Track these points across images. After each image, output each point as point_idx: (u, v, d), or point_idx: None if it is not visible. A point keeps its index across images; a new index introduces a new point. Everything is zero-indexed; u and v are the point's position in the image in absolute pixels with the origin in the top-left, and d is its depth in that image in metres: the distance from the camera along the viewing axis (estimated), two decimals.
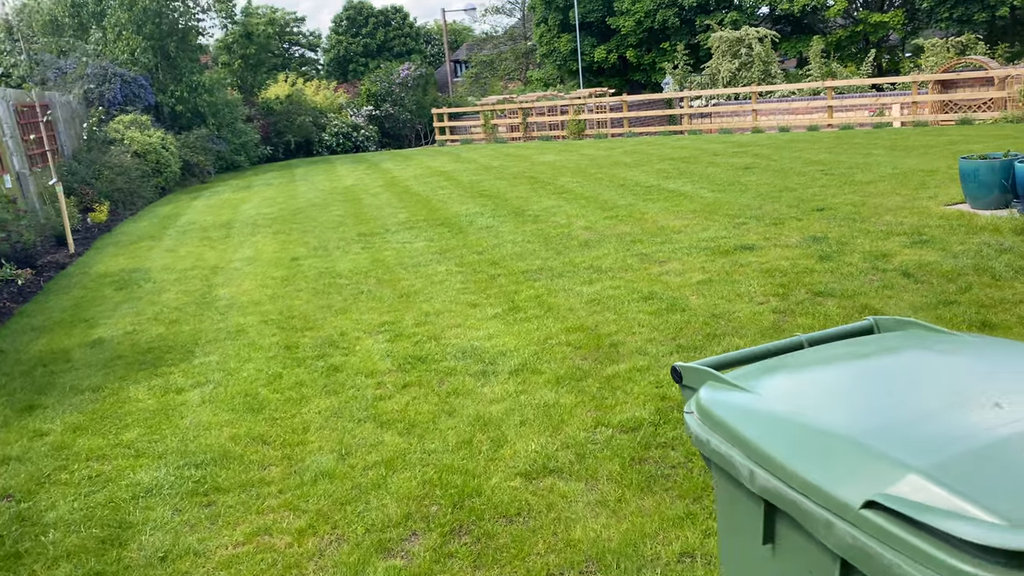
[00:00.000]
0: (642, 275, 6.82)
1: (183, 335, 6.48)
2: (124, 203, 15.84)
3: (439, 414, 4.42)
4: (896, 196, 8.82)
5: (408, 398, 4.69)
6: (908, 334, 1.99)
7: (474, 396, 4.62)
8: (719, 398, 1.77)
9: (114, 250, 10.94)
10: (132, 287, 8.47)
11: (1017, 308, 5.23)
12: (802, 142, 15.90)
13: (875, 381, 1.72)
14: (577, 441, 3.94)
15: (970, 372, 1.69)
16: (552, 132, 25.24)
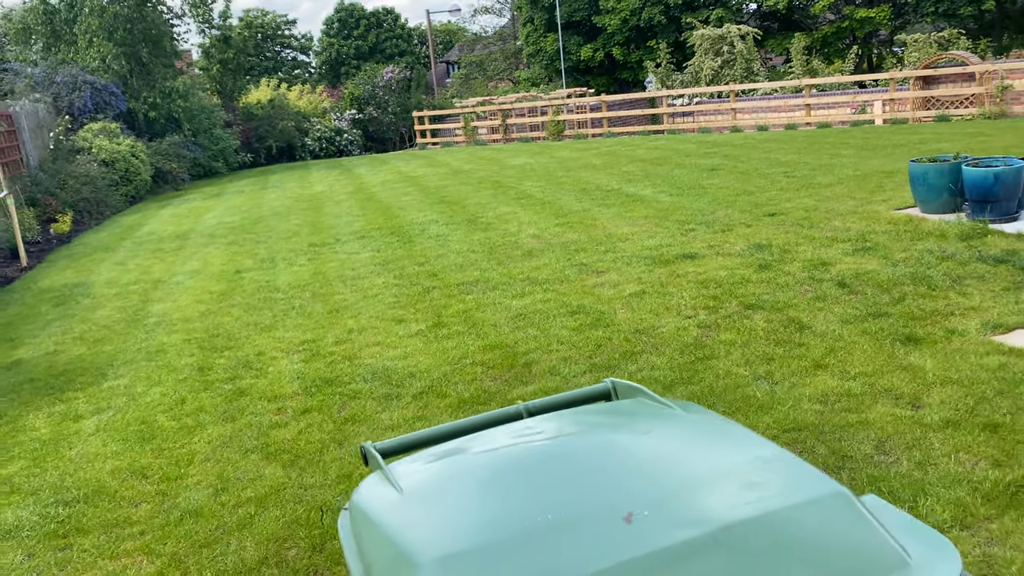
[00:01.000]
0: (577, 287, 6.64)
1: (102, 356, 6.30)
2: (91, 213, 15.66)
3: (329, 444, 4.23)
4: (850, 200, 8.62)
5: (304, 425, 4.51)
6: (620, 407, 1.81)
7: (370, 423, 4.44)
8: (370, 495, 1.57)
9: (66, 263, 10.76)
10: (70, 303, 8.29)
11: (946, 320, 5.05)
12: (776, 142, 15.70)
13: (532, 478, 1.50)
14: None
15: (641, 464, 1.48)
16: (533, 133, 25.05)
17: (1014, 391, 4.01)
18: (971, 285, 5.63)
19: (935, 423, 3.78)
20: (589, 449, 1.56)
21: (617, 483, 1.42)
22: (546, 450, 1.59)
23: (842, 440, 3.72)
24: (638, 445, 1.56)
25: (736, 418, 4.02)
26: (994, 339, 4.71)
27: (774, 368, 4.61)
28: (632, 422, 1.67)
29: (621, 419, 1.72)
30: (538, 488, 1.44)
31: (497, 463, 1.58)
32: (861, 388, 4.22)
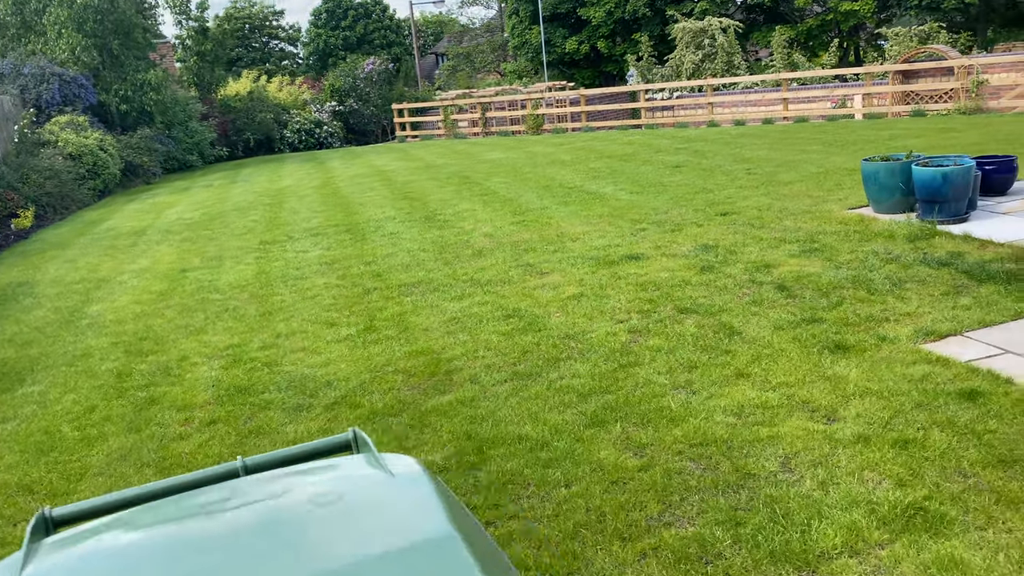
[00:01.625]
0: (518, 289, 6.48)
1: (25, 360, 6.12)
2: (55, 208, 15.42)
3: (225, 459, 4.07)
4: (807, 198, 8.48)
5: (206, 438, 4.35)
6: (335, 467, 1.66)
7: (273, 436, 4.28)
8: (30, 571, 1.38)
9: (16, 260, 10.56)
10: (10, 303, 8.10)
11: (880, 327, 4.91)
12: (748, 137, 15.56)
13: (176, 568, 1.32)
14: None
15: (308, 553, 1.31)
16: (512, 127, 24.84)
17: (932, 404, 3.88)
18: (911, 289, 5.50)
19: (846, 438, 3.64)
20: (256, 530, 1.39)
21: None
22: (209, 531, 1.42)
23: (748, 456, 3.59)
24: (314, 525, 1.39)
25: (646, 432, 3.89)
26: (924, 347, 4.58)
27: (695, 377, 4.47)
28: (327, 493, 1.51)
29: (322, 485, 1.56)
30: None
31: (147, 548, 1.40)
32: (779, 400, 4.09)
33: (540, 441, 3.90)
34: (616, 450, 3.75)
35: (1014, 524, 2.94)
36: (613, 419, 4.07)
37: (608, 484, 3.47)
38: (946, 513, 3.04)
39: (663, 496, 3.35)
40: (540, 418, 4.15)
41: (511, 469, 3.66)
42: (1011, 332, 4.71)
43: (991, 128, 12.95)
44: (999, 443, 3.47)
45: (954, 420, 3.70)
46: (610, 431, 3.94)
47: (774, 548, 2.93)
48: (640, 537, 3.09)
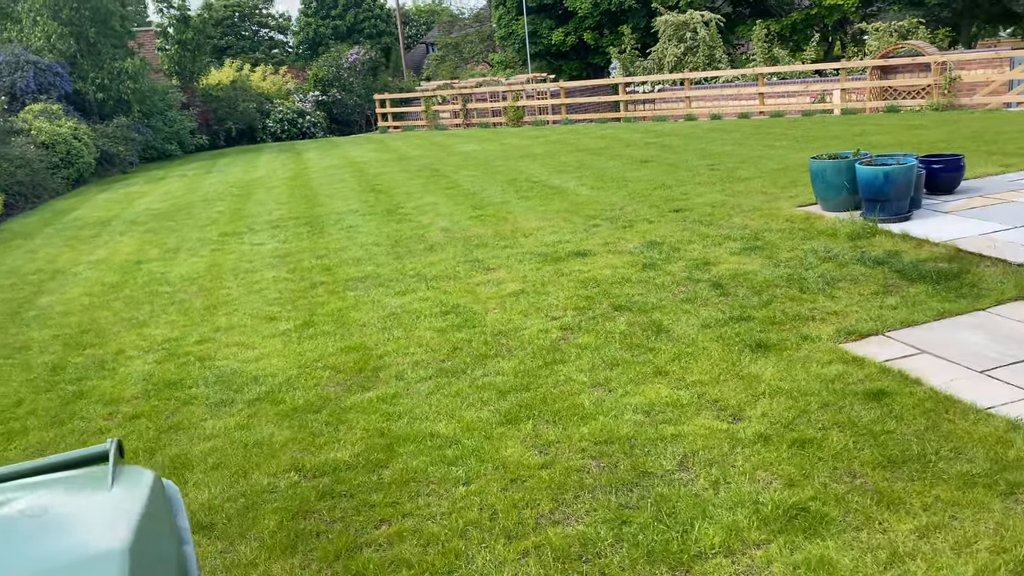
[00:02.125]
0: (462, 285, 6.51)
1: None
2: (26, 196, 15.36)
3: (140, 455, 4.10)
4: (760, 195, 8.52)
5: (125, 432, 4.37)
6: (73, 479, 1.68)
7: (192, 432, 4.31)
8: None
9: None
10: None
11: (804, 326, 4.96)
12: (721, 131, 15.59)
13: None
14: (254, 491, 3.63)
15: None
16: (494, 119, 24.82)
17: (838, 403, 3.93)
18: (843, 288, 5.54)
19: (747, 438, 3.69)
20: None
21: None
22: None
23: (649, 455, 3.63)
24: None
25: (555, 430, 3.93)
26: (843, 347, 4.63)
27: (615, 375, 4.51)
28: (34, 507, 1.53)
29: (37, 499, 1.58)
30: None
31: None
32: (690, 398, 4.13)
33: (450, 439, 3.93)
34: (522, 448, 3.79)
35: (889, 525, 2.98)
36: (526, 417, 4.10)
37: (507, 482, 3.51)
38: (827, 514, 3.08)
39: (558, 494, 3.38)
40: (456, 416, 4.18)
41: (416, 467, 3.69)
42: (932, 332, 4.76)
43: (959, 125, 13.02)
44: (893, 444, 3.52)
45: (855, 421, 3.75)
46: (521, 429, 3.98)
47: (653, 547, 2.97)
48: (526, 536, 3.12)
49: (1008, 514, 2.96)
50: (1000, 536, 2.85)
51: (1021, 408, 3.74)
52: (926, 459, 3.37)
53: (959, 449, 3.42)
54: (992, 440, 3.46)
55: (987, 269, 5.60)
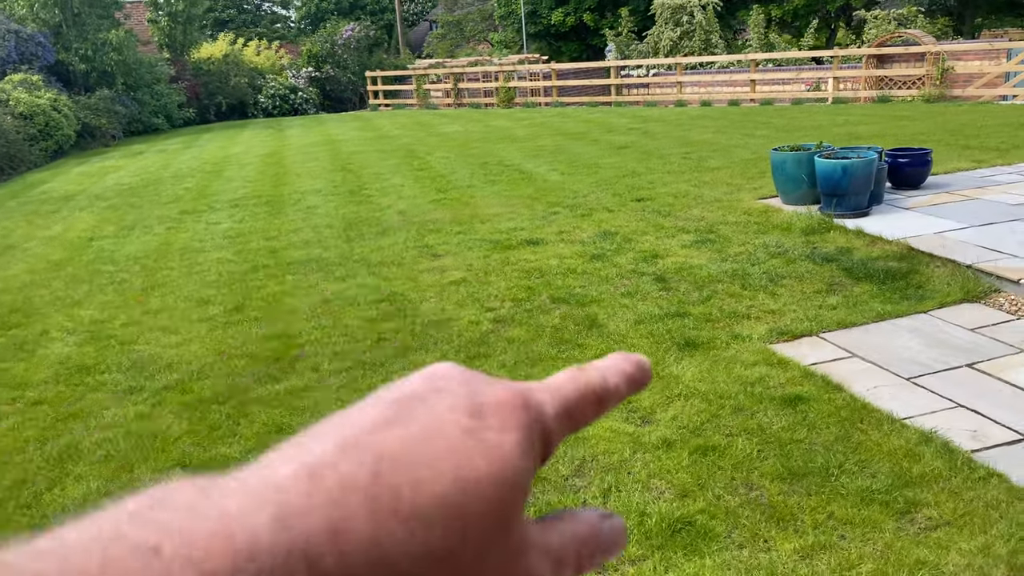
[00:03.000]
0: (405, 271, 6.34)
1: None
2: (1, 168, 15.19)
3: (30, 444, 3.96)
4: (725, 186, 8.33)
5: (22, 420, 4.23)
6: None
7: (90, 421, 4.16)
8: None
9: None
10: None
11: (738, 324, 4.79)
12: (706, 118, 15.35)
13: None
14: (133, 487, 3.49)
15: None
16: (485, 99, 24.52)
17: (752, 408, 3.77)
18: (786, 285, 5.38)
19: (651, 443, 3.54)
20: None
21: None
22: None
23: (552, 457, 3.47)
24: None
25: None
26: (773, 347, 4.47)
27: (535, 372, 4.35)
28: None
29: None
30: None
31: None
32: None
33: None
34: None
35: (774, 543, 2.84)
36: None
37: None
38: (713, 529, 2.93)
39: None
40: None
41: None
42: (867, 335, 4.60)
43: (944, 117, 12.79)
44: (798, 454, 3.36)
45: (765, 428, 3.59)
46: None
47: None
48: None
49: (899, 535, 2.81)
50: (885, 559, 2.70)
51: (939, 419, 3.58)
52: (828, 472, 3.22)
53: (864, 462, 3.27)
54: (901, 453, 3.31)
55: (936, 270, 5.42)
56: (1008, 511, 2.87)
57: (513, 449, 0.28)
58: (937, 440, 3.38)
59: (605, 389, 0.34)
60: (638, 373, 0.35)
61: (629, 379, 0.35)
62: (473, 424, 0.28)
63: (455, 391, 0.30)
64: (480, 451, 0.27)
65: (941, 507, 2.94)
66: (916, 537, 2.79)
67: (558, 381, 0.34)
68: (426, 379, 0.30)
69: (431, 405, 0.29)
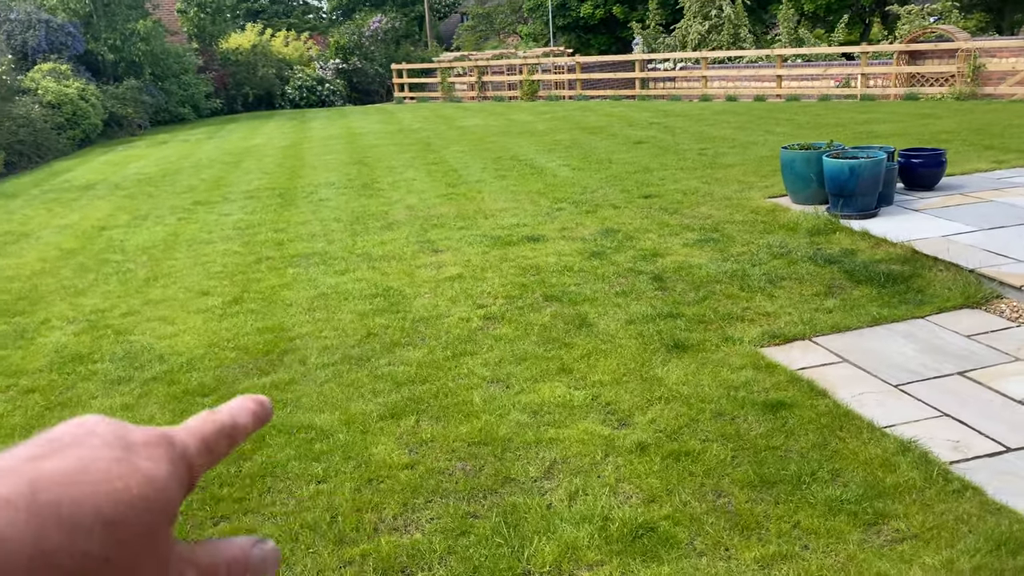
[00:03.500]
0: (404, 266, 6.35)
1: None
2: (28, 156, 15.45)
3: (19, 431, 4.02)
4: (736, 184, 8.22)
5: (13, 407, 4.29)
6: None
7: (77, 410, 4.21)
8: None
9: None
10: None
11: (731, 326, 4.73)
12: (728, 114, 15.17)
13: None
14: None
15: None
16: (509, 92, 24.46)
17: (733, 413, 3.72)
18: (784, 287, 5.29)
19: (625, 446, 3.50)
20: None
21: None
22: None
23: (519, 460, 3.46)
24: None
25: (436, 427, 3.77)
26: (763, 351, 4.40)
27: (518, 370, 4.33)
28: None
29: None
30: None
31: None
32: (583, 399, 3.94)
33: (325, 432, 3.79)
34: (395, 446, 3.64)
35: (735, 552, 2.79)
36: (412, 411, 3.95)
37: (363, 482, 3.36)
38: (675, 536, 2.90)
39: (409, 498, 3.23)
40: (341, 407, 4.03)
41: (278, 460, 3.56)
42: (861, 339, 4.51)
43: (972, 116, 12.51)
44: (772, 462, 3.31)
45: (743, 434, 3.54)
46: (401, 425, 3.82)
47: (481, 563, 2.81)
48: (358, 542, 2.98)
49: (862, 547, 2.75)
50: (845, 572, 2.64)
51: (921, 428, 3.50)
52: (800, 480, 3.16)
53: (838, 471, 3.21)
54: (876, 463, 3.24)
55: (939, 273, 5.31)
56: (978, 525, 2.80)
57: (161, 477, 0.34)
58: (916, 450, 3.30)
59: (235, 427, 0.40)
60: (261, 411, 0.42)
61: (255, 416, 0.41)
62: (126, 456, 0.33)
63: (105, 433, 0.34)
64: (133, 477, 0.33)
65: (910, 519, 2.87)
66: (880, 550, 2.74)
67: (195, 423, 0.39)
68: (77, 426, 0.35)
69: (85, 443, 0.33)
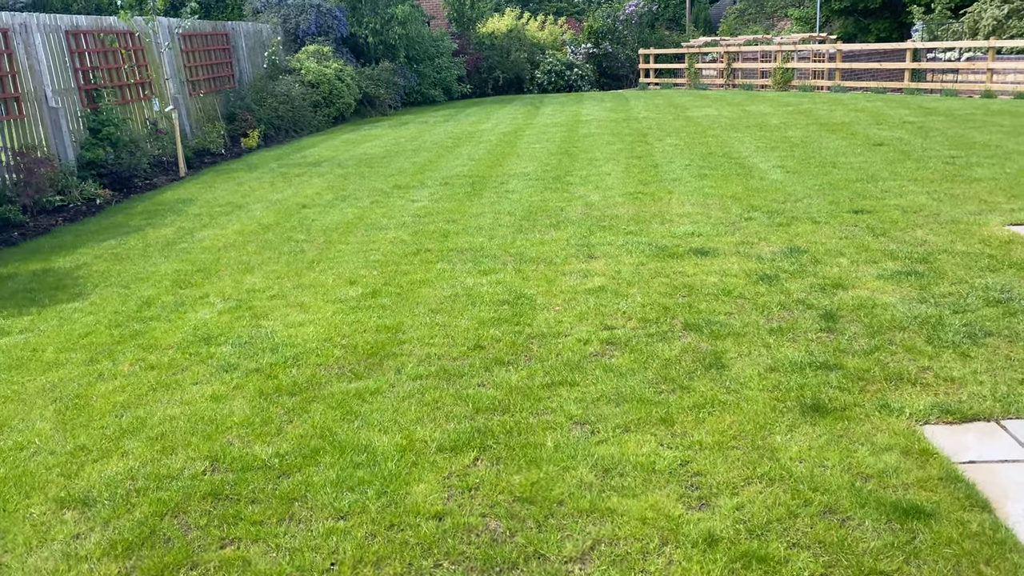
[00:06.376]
0: (550, 271, 5.91)
1: (96, 277, 6.71)
2: (286, 131, 16.82)
3: (117, 409, 4.14)
4: (975, 203, 6.81)
5: (123, 384, 4.45)
6: None
7: (175, 395, 4.28)
8: None
9: (209, 177, 11.67)
10: (159, 216, 8.95)
11: (896, 390, 3.79)
12: (1008, 115, 12.92)
13: None
14: (159, 474, 3.48)
15: None
16: (761, 80, 22.85)
17: (848, 513, 2.91)
18: (987, 345, 4.20)
19: (693, 536, 2.85)
20: None
21: None
22: None
23: (560, 531, 2.93)
24: None
25: (490, 470, 3.33)
26: (925, 429, 3.47)
27: (613, 414, 3.75)
28: None
29: None
30: None
31: None
32: (670, 463, 3.30)
33: (377, 457, 3.49)
34: (436, 487, 3.26)
35: None
36: (476, 446, 3.54)
37: (383, 527, 3.02)
38: None
39: (418, 558, 2.84)
40: (406, 430, 3.72)
41: (316, 483, 3.32)
42: None
43: None
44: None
45: (849, 545, 2.74)
46: (456, 462, 3.43)
47: None
48: None
49: None
50: None
51: None
52: None
53: None
54: None
55: None
56: None
57: None
58: None
59: None
60: None
61: None
62: None
63: None
64: None
65: None
66: None
67: None
68: None
69: None
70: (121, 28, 12.50)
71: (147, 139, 12.62)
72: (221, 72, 16.39)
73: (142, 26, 12.78)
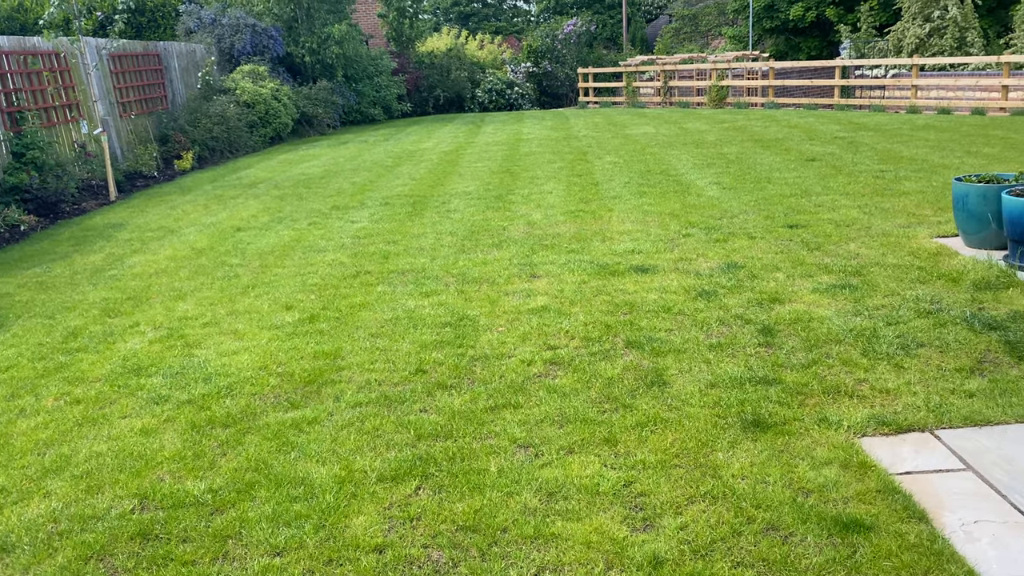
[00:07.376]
0: (492, 291, 5.86)
1: (18, 307, 6.45)
2: (221, 152, 16.50)
3: (39, 447, 3.95)
4: (903, 216, 7.01)
5: (48, 420, 4.25)
6: None
7: (102, 430, 4.10)
8: None
9: (141, 201, 11.36)
10: (87, 243, 8.66)
11: (834, 404, 3.84)
12: (933, 129, 13.39)
13: None
14: (82, 515, 3.32)
15: None
16: (696, 98, 23.29)
17: (789, 529, 2.92)
18: (919, 356, 4.28)
19: (638, 559, 2.81)
20: None
21: None
22: None
23: (504, 559, 2.87)
24: None
25: (432, 499, 3.26)
26: (863, 441, 3.51)
27: (556, 435, 3.71)
28: None
29: None
30: None
31: None
32: (613, 484, 3.27)
33: (314, 490, 3.38)
34: (376, 519, 3.16)
35: None
36: (417, 475, 3.46)
37: (321, 562, 2.92)
38: None
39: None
40: (345, 461, 3.62)
41: (251, 519, 3.20)
42: (1003, 440, 3.48)
43: None
44: None
45: (792, 562, 2.74)
46: (397, 492, 3.35)
47: None
48: None
49: None
50: None
51: None
52: None
53: None
54: None
55: None
56: None
57: None
58: None
59: None
60: None
61: None
62: None
63: None
64: None
65: None
66: None
67: None
68: None
69: None
70: (46, 49, 12.12)
71: (75, 162, 12.22)
72: (153, 93, 16.01)
73: (67, 47, 12.40)
